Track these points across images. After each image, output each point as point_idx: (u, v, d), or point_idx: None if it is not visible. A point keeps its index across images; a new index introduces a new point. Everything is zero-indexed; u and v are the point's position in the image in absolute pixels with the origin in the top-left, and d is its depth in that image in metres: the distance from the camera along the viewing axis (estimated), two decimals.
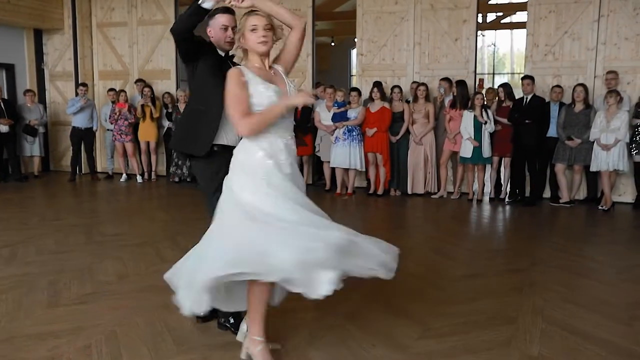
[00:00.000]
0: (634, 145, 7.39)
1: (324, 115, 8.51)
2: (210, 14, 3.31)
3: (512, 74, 24.33)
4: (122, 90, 9.81)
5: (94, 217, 6.81)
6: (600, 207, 7.43)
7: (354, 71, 20.52)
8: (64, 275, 4.40)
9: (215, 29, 3.33)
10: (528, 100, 7.62)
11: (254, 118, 2.76)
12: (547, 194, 8.04)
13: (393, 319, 3.56)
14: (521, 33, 19.26)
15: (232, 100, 2.80)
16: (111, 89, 10.03)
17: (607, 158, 7.28)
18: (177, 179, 9.33)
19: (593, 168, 7.43)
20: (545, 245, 5.54)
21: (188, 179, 9.35)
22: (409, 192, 8.35)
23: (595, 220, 6.90)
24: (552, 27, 8.05)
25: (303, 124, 8.47)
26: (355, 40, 9.34)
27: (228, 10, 3.34)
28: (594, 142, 7.39)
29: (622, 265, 4.86)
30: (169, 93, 9.89)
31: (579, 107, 7.54)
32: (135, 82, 10.15)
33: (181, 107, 9.30)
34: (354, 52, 20.52)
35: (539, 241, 5.77)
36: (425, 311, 3.69)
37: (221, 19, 3.31)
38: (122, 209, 7.50)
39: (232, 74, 2.81)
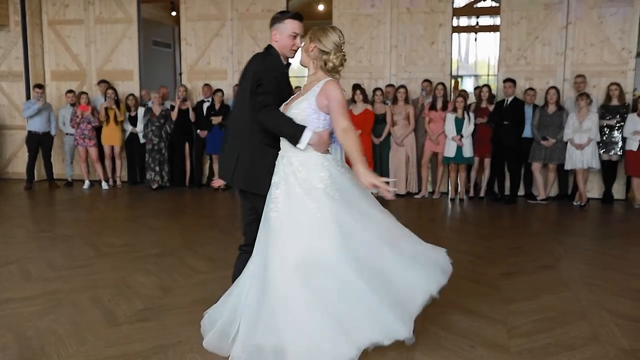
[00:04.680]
0: (601, 144, 7.90)
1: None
2: (279, 18, 3.21)
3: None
4: (84, 92, 9.25)
5: (84, 227, 6.38)
6: (575, 203, 7.88)
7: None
8: (101, 292, 4.11)
9: (283, 35, 3.21)
10: (509, 102, 7.95)
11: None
12: (520, 192, 8.41)
13: (471, 320, 3.61)
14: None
15: (345, 108, 2.99)
16: (70, 91, 9.44)
17: (581, 157, 7.72)
18: (155, 186, 8.91)
19: (568, 166, 7.86)
20: (553, 242, 5.79)
21: (168, 184, 9.02)
22: None
23: (578, 216, 7.29)
24: (524, 33, 8.44)
25: None
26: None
27: (298, 17, 3.25)
28: (567, 142, 7.82)
29: (635, 258, 5.20)
30: (133, 95, 9.46)
31: (551, 108, 7.95)
32: (98, 84, 9.63)
33: (155, 108, 8.91)
34: None
35: (544, 238, 6.03)
36: (496, 310, 3.77)
37: (292, 26, 3.20)
38: (108, 217, 7.08)
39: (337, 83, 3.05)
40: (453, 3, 8.77)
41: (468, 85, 18.21)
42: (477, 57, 21.02)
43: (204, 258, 5.05)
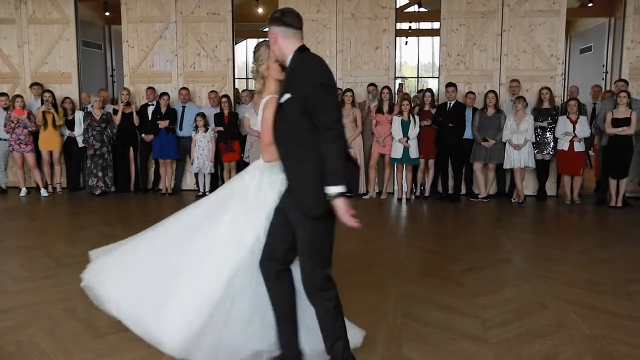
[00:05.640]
0: (534, 144, 8.42)
1: (253, 121, 8.48)
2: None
3: None
4: (19, 96, 8.85)
5: (35, 236, 6.15)
6: (513, 200, 8.38)
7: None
8: (74, 303, 4.01)
9: None
10: (451, 105, 8.33)
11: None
12: (462, 190, 8.82)
13: (446, 315, 3.82)
14: None
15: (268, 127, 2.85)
16: (2, 94, 9.00)
17: (519, 156, 8.23)
18: (98, 192, 8.66)
19: (506, 165, 8.35)
20: (502, 238, 6.17)
21: (112, 189, 8.80)
22: None
23: (518, 212, 7.76)
24: (463, 39, 8.87)
25: (231, 130, 8.44)
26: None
27: None
28: (505, 142, 8.30)
29: (576, 251, 5.64)
30: (69, 98, 9.16)
31: (490, 111, 8.41)
32: (31, 86, 9.24)
33: (96, 112, 8.67)
34: None
35: (493, 234, 6.43)
36: (466, 304, 4.01)
37: None
38: (58, 226, 6.83)
39: (272, 101, 2.85)
40: (396, 9, 9.08)
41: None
42: (402, 59, 21.75)
43: None
